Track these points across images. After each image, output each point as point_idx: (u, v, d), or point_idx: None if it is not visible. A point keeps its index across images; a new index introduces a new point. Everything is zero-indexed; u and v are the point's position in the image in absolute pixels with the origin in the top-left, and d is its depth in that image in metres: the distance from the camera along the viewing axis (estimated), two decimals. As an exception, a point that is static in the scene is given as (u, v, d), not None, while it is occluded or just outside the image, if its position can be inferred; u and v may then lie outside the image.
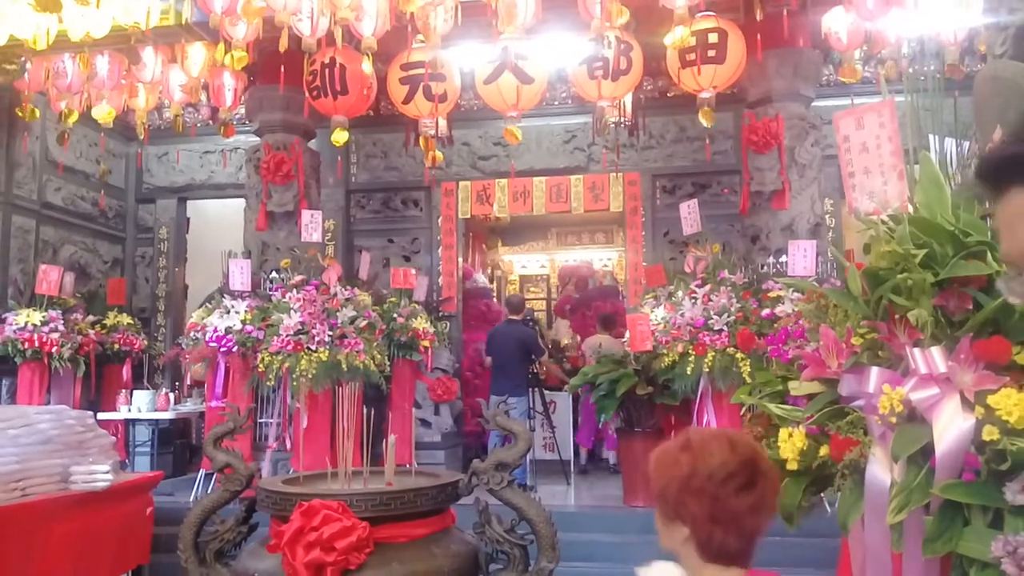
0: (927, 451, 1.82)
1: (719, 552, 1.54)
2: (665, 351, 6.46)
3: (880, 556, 1.89)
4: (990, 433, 1.74)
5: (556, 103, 9.05)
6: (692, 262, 6.95)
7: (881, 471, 1.87)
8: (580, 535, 6.15)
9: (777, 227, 7.13)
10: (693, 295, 6.56)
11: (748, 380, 6.12)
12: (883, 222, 2.14)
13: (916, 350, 1.88)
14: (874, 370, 1.93)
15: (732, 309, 6.30)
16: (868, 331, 2.00)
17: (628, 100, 7.52)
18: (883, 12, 5.95)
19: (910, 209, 2.14)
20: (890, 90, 7.36)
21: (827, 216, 8.33)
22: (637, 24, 6.46)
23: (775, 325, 4.89)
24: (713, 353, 6.19)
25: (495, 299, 12.00)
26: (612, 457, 8.99)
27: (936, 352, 1.85)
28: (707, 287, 6.55)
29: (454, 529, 3.17)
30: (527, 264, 14.37)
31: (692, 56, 6.13)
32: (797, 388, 2.07)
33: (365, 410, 3.34)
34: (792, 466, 1.97)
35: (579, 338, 10.00)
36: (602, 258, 13.73)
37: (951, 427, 1.80)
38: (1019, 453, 1.69)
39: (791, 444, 1.96)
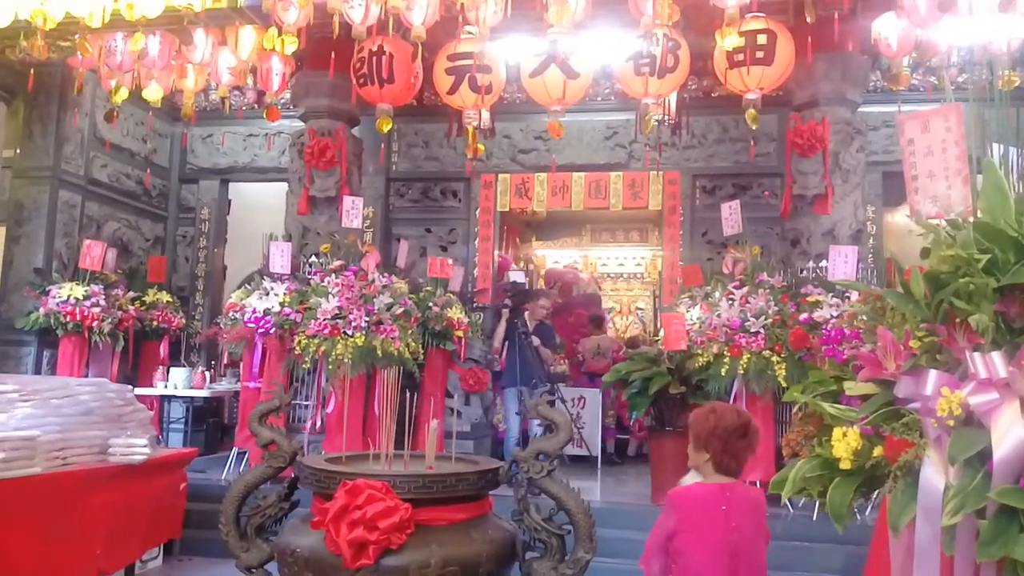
0: (984, 455, 1.81)
1: (725, 469, 2.78)
2: (700, 351, 6.43)
3: (929, 558, 1.89)
4: (1049, 440, 1.73)
5: (599, 99, 9.03)
6: (731, 263, 6.92)
7: (935, 474, 1.87)
8: (607, 531, 6.15)
9: (818, 232, 7.07)
10: (731, 296, 6.53)
11: (783, 384, 6.11)
12: (944, 226, 2.13)
13: (976, 354, 1.88)
14: (932, 373, 1.93)
15: (770, 312, 6.26)
16: (927, 334, 1.99)
17: (673, 99, 7.49)
18: (935, 19, 5.87)
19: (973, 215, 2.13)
20: (942, 98, 7.27)
21: (868, 223, 8.25)
22: (686, 23, 6.44)
23: (828, 325, 4.86)
24: (748, 355, 6.16)
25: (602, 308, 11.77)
26: (632, 448, 9.42)
27: (997, 357, 1.85)
28: (745, 289, 6.51)
29: (492, 516, 3.21)
30: (560, 260, 14.36)
31: (740, 57, 6.09)
32: (853, 388, 2.07)
33: (409, 398, 3.38)
34: (845, 465, 1.97)
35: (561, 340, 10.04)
36: (635, 256, 13.70)
37: (1010, 432, 1.79)
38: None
39: (845, 443, 1.96)
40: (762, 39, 6.10)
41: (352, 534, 2.75)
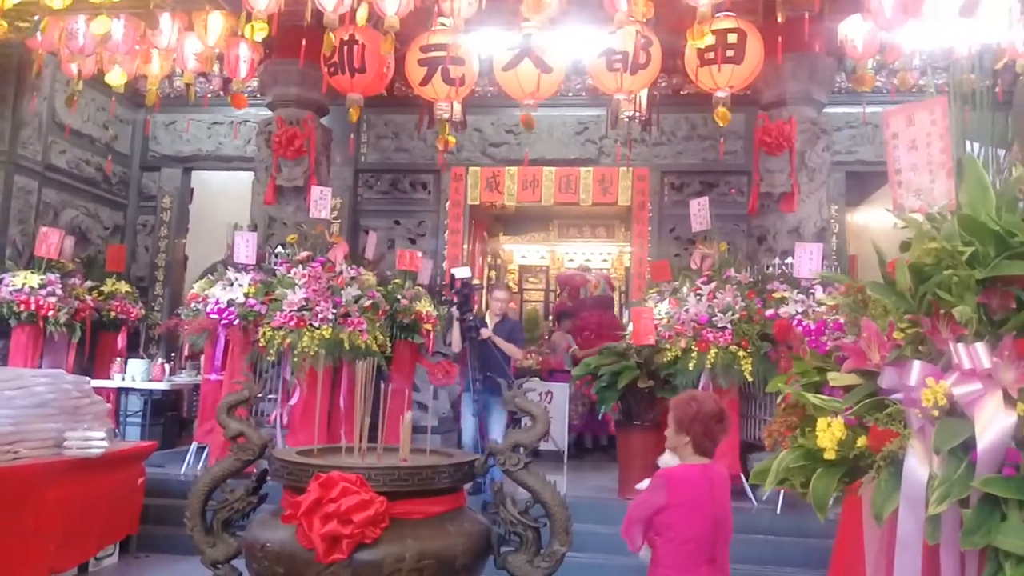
0: (967, 445, 1.83)
1: (704, 451, 3.00)
2: (668, 346, 6.48)
3: (911, 548, 1.91)
4: (1032, 430, 1.75)
5: (570, 94, 9.04)
6: (699, 259, 6.98)
7: (919, 463, 1.88)
8: (576, 525, 6.17)
9: (784, 229, 7.16)
10: (698, 292, 6.58)
11: (749, 378, 6.18)
12: (926, 220, 2.15)
13: (960, 345, 1.89)
14: (916, 363, 1.94)
15: (737, 308, 6.32)
16: (911, 326, 2.01)
17: (644, 95, 7.51)
18: (900, 22, 5.95)
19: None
20: (905, 100, 7.35)
21: (832, 221, 8.37)
22: (658, 20, 6.46)
23: (812, 315, 4.91)
24: (716, 350, 6.22)
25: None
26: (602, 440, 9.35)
27: (980, 348, 1.87)
28: (713, 284, 6.57)
29: (467, 509, 3.18)
30: (527, 254, 14.35)
31: (711, 55, 6.13)
32: (837, 379, 2.08)
33: (384, 389, 3.33)
34: (829, 455, 1.98)
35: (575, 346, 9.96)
36: (602, 252, 13.73)
37: (993, 422, 1.81)
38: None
39: (830, 433, 1.97)
40: (732, 38, 6.16)
41: (325, 528, 2.71)
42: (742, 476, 6.01)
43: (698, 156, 9.08)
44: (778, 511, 6.03)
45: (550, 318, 14.09)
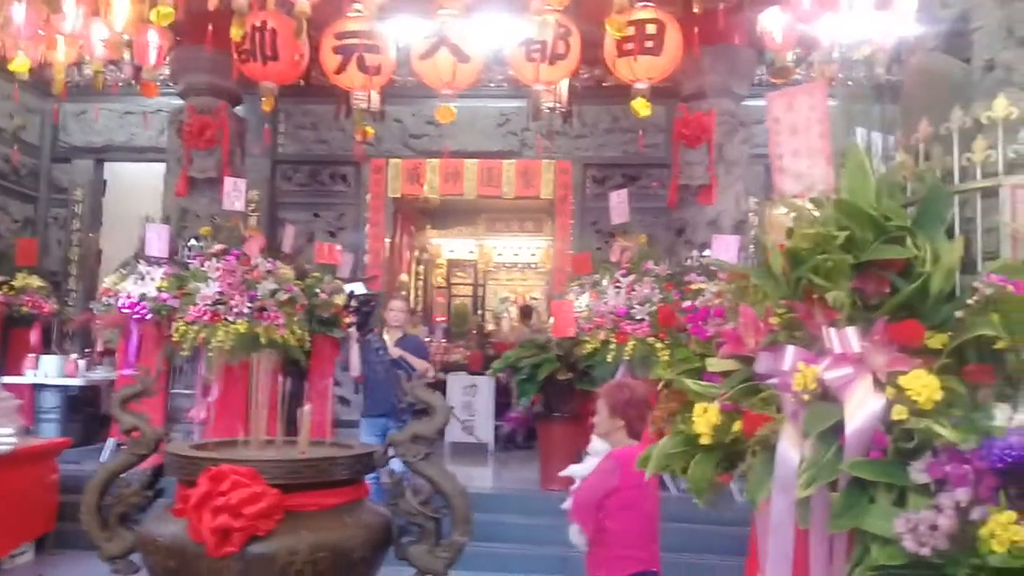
0: (837, 429, 1.85)
1: (636, 434, 3.06)
2: (588, 338, 6.50)
3: (784, 531, 1.93)
4: (899, 412, 1.78)
5: (492, 85, 8.99)
6: (618, 252, 7.01)
7: (791, 448, 1.90)
8: (496, 516, 6.18)
9: (703, 221, 7.25)
10: (617, 284, 6.61)
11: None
12: (807, 204, 2.18)
13: (832, 330, 1.92)
14: (790, 349, 1.96)
15: (655, 299, 6.37)
16: (786, 311, 2.03)
17: (564, 86, 7.51)
18: (818, 14, 6.05)
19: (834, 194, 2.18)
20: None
21: (751, 214, 8.50)
22: (577, 10, 6.46)
23: (695, 303, 4.97)
24: (634, 341, 6.26)
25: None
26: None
27: (851, 332, 1.89)
28: (631, 277, 6.61)
29: (367, 501, 3.14)
30: (455, 248, 14.33)
31: (630, 46, 6.15)
32: (714, 364, 2.09)
33: (283, 383, 3.27)
34: (705, 440, 2.00)
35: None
36: (530, 246, 13.78)
37: (862, 406, 1.83)
38: (925, 432, 1.74)
39: (705, 419, 1.98)
40: (651, 29, 6.18)
41: (216, 521, 2.64)
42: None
43: (620, 149, 9.13)
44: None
45: (479, 312, 14.11)
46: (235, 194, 6.98)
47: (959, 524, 1.65)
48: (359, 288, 6.19)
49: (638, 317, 6.30)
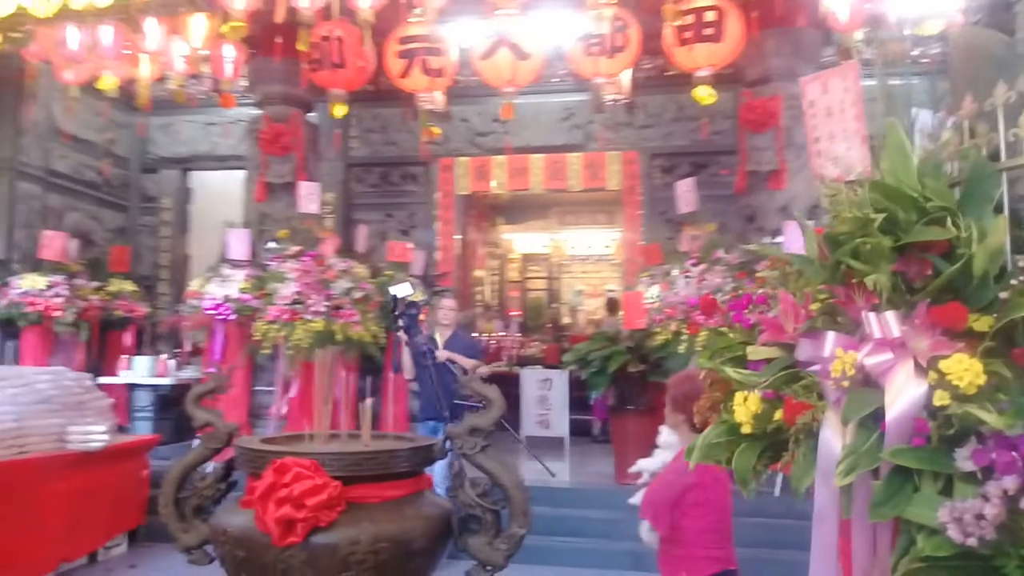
0: (878, 416, 1.81)
1: (699, 429, 2.54)
2: (659, 329, 6.46)
3: (827, 520, 1.90)
4: (941, 398, 1.73)
5: (556, 80, 9.00)
6: (687, 241, 6.95)
7: (833, 436, 1.87)
8: (572, 511, 6.22)
9: (773, 207, 7.11)
10: (688, 274, 6.56)
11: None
12: (848, 187, 2.14)
13: (871, 314, 1.88)
14: (830, 335, 1.93)
15: (726, 288, 6.29)
16: (826, 296, 2.00)
17: (626, 78, 7.47)
18: (883, -8, 5.89)
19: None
20: (893, 72, 7.27)
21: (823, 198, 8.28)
22: (636, 2, 6.42)
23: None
24: (706, 332, 6.18)
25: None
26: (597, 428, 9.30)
27: (891, 316, 1.85)
28: (702, 266, 6.54)
29: (429, 492, 3.21)
30: (529, 243, 14.37)
31: (689, 34, 6.08)
32: (754, 352, 2.07)
33: (360, 379, 3.37)
34: (746, 429, 1.98)
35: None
36: (603, 238, 13.72)
37: (903, 392, 1.79)
38: (965, 418, 1.69)
39: (745, 408, 1.96)
40: (710, 16, 6.10)
41: (279, 512, 2.75)
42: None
43: (687, 137, 9.03)
44: (776, 494, 6.01)
45: (554, 305, 14.11)
46: (309, 197, 7.20)
47: (1007, 513, 1.60)
48: (404, 289, 5.94)
49: (709, 307, 6.24)
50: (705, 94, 6.21)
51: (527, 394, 8.55)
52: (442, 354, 6.00)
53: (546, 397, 8.63)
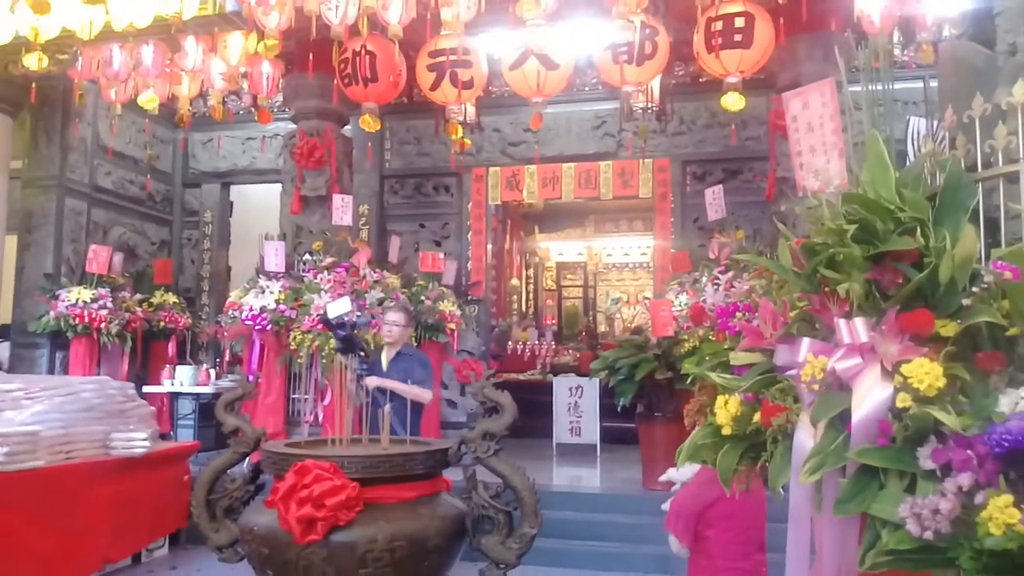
0: (845, 417, 1.89)
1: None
2: (686, 337, 6.50)
3: (801, 518, 1.99)
4: (903, 400, 1.82)
5: (586, 89, 9.11)
6: (716, 248, 6.99)
7: (807, 436, 1.96)
8: (601, 516, 6.30)
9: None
10: (716, 281, 6.59)
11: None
12: (831, 200, 2.22)
13: (842, 321, 1.97)
14: (805, 340, 2.02)
15: (754, 296, 6.30)
16: (804, 304, 2.09)
17: (656, 85, 7.53)
18: (915, -5, 5.86)
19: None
20: (927, 75, 7.17)
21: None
22: (666, 8, 6.48)
23: (726, 300, 4.93)
24: (730, 340, 6.21)
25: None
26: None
27: (859, 323, 1.94)
28: (730, 273, 6.57)
29: (445, 494, 3.34)
30: (564, 251, 14.43)
31: (718, 41, 6.10)
32: (735, 358, 2.17)
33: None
34: (727, 431, 2.08)
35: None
36: (639, 245, 13.73)
37: (870, 395, 1.87)
38: (924, 418, 1.77)
39: (726, 410, 2.07)
40: (740, 22, 6.09)
41: (300, 511, 2.91)
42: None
43: (719, 144, 9.02)
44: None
45: (590, 313, 14.16)
46: (343, 209, 7.39)
47: (963, 508, 1.68)
48: (339, 307, 5.37)
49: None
50: (732, 101, 6.22)
51: (559, 401, 8.65)
52: (372, 381, 4.96)
53: (577, 404, 8.73)
